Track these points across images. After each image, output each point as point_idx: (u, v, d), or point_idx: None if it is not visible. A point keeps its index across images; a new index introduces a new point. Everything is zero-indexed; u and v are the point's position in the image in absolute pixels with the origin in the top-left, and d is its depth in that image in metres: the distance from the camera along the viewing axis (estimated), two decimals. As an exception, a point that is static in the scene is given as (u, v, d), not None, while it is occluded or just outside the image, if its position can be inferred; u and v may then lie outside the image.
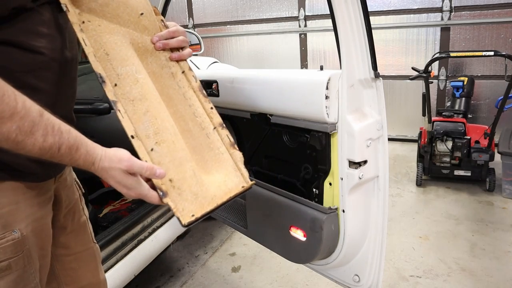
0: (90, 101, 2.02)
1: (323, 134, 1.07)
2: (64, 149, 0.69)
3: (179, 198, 0.80)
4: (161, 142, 0.81)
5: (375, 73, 1.03)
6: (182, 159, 0.84)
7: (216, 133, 0.94)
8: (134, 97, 0.81)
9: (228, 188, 0.90)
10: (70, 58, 0.84)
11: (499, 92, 3.49)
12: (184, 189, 0.81)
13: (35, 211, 0.83)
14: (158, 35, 0.93)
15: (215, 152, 0.93)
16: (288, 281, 2.05)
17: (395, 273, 2.06)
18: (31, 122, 0.65)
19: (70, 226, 1.01)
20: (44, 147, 0.67)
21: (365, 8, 0.98)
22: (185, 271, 2.19)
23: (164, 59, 0.93)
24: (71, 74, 0.87)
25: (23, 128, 0.64)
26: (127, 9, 0.87)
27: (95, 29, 0.82)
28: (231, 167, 0.93)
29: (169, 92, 0.91)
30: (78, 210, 1.05)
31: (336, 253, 1.14)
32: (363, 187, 1.09)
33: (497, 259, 2.12)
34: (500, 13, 3.60)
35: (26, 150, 0.66)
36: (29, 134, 0.65)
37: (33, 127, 0.65)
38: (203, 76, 1.40)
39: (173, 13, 5.25)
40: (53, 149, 0.68)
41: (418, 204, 2.84)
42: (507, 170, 2.78)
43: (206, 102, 0.95)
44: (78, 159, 0.71)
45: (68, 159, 0.70)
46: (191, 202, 0.81)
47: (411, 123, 4.14)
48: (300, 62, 4.66)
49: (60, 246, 1.00)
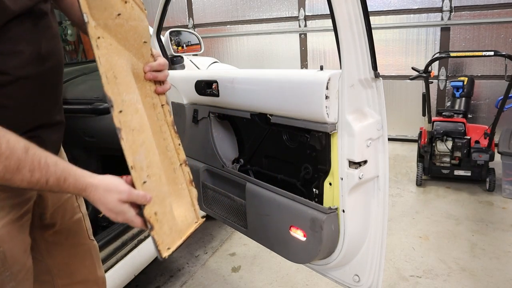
0: (90, 101, 2.02)
1: (323, 134, 1.07)
2: (52, 181, 0.72)
3: (160, 231, 0.83)
4: (151, 175, 0.84)
5: (375, 73, 1.03)
6: (165, 194, 0.88)
7: (181, 169, 0.99)
8: (134, 127, 0.83)
9: (188, 222, 0.95)
10: (46, 69, 0.82)
11: (499, 92, 3.49)
12: (163, 222, 0.84)
13: (10, 213, 0.83)
14: (149, 65, 0.94)
15: (178, 187, 0.97)
16: (288, 281, 2.05)
17: (395, 273, 2.06)
18: (17, 160, 0.67)
19: (60, 224, 1.01)
20: (32, 181, 0.70)
21: (365, 8, 0.98)
22: (185, 271, 2.19)
23: (149, 89, 0.95)
24: (49, 84, 0.86)
25: (10, 167, 0.66)
26: (135, 35, 0.89)
27: (107, 48, 0.82)
28: (188, 203, 0.99)
29: (150, 123, 0.92)
30: (71, 208, 1.05)
31: (336, 253, 1.14)
32: (363, 187, 1.09)
33: (497, 259, 2.12)
34: (500, 13, 3.60)
35: (16, 185, 0.69)
36: (16, 171, 0.67)
37: (19, 165, 0.67)
38: (203, 76, 1.40)
39: (173, 13, 5.25)
40: (41, 182, 0.71)
41: (418, 204, 2.84)
42: (507, 170, 2.78)
43: (176, 138, 0.99)
44: (67, 188, 0.74)
45: (57, 189, 0.73)
46: (168, 235, 0.85)
47: (411, 123, 4.14)
48: (300, 62, 4.66)
49: (51, 241, 1.01)
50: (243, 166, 1.47)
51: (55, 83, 0.88)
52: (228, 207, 1.42)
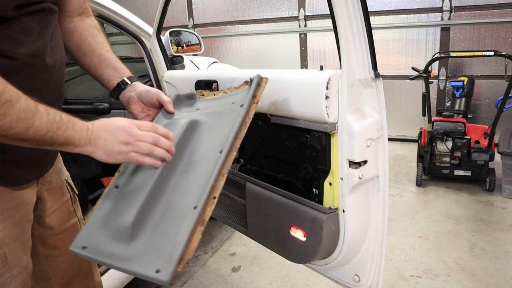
0: (90, 101, 2.03)
1: (323, 134, 1.07)
2: (65, 117, 0.73)
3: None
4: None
5: (375, 73, 1.03)
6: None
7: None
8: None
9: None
10: (51, 63, 0.83)
11: (499, 92, 3.49)
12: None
13: (11, 215, 0.82)
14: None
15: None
16: (288, 281, 2.05)
17: (395, 273, 2.06)
18: (32, 101, 0.69)
19: (59, 227, 1.00)
20: (49, 120, 0.70)
21: (365, 8, 0.98)
22: (185, 271, 2.19)
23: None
24: (54, 79, 0.86)
25: (28, 106, 0.68)
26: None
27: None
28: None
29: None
30: (67, 212, 1.04)
31: (336, 253, 1.14)
32: (363, 187, 1.09)
33: (497, 259, 2.12)
34: (500, 13, 3.60)
35: (35, 127, 0.68)
36: (35, 110, 0.68)
37: (36, 104, 0.69)
38: (203, 76, 1.40)
39: (173, 13, 5.25)
40: (56, 119, 0.72)
41: (418, 204, 2.84)
42: (507, 170, 2.78)
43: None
44: (77, 121, 0.76)
45: (70, 124, 0.74)
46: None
47: (411, 123, 4.14)
48: (300, 62, 4.66)
49: (49, 246, 1.00)
50: (243, 166, 1.47)
51: (58, 80, 0.89)
52: (228, 207, 1.42)
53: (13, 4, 0.72)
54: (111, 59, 1.01)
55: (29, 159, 0.85)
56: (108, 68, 1.01)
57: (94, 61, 1.00)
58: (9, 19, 0.73)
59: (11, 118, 0.65)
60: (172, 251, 0.73)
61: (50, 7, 0.83)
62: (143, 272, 0.72)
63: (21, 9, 0.75)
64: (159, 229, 0.79)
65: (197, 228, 0.76)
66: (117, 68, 1.02)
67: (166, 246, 0.75)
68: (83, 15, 1.02)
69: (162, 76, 1.70)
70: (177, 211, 0.81)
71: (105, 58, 1.01)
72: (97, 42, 1.01)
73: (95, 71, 1.02)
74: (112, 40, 6.00)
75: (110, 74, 1.01)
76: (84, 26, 1.01)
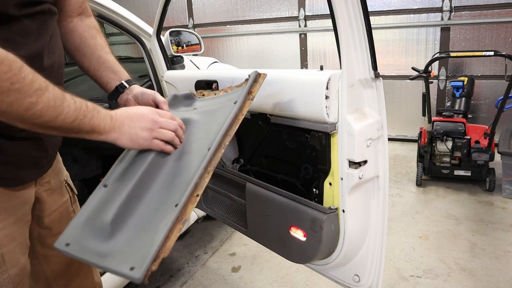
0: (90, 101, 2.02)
1: (323, 134, 1.07)
2: (90, 105, 0.75)
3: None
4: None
5: (375, 73, 1.03)
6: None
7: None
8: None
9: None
10: (49, 64, 0.83)
11: (499, 92, 3.49)
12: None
13: (9, 215, 0.82)
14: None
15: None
16: (288, 281, 2.05)
17: (395, 273, 2.06)
18: (59, 90, 0.71)
19: (58, 228, 0.99)
20: (76, 107, 0.72)
21: (365, 8, 0.98)
22: (185, 271, 2.19)
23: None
24: (52, 80, 0.85)
25: (57, 94, 0.70)
26: None
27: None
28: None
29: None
30: (66, 213, 1.03)
31: (336, 253, 1.14)
32: (363, 187, 1.09)
33: (497, 259, 2.12)
34: (500, 13, 3.60)
35: (63, 114, 0.70)
36: (63, 98, 0.71)
37: (63, 93, 0.72)
38: (203, 76, 1.40)
39: (173, 13, 5.25)
40: (83, 107, 0.74)
41: (418, 204, 2.84)
42: (507, 170, 2.78)
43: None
44: (100, 109, 0.78)
45: (95, 112, 0.76)
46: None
47: (411, 123, 4.14)
48: (300, 62, 4.66)
49: (48, 247, 1.00)
50: (243, 166, 1.47)
51: (57, 81, 0.88)
52: (228, 207, 1.42)
53: (15, 1, 0.72)
54: (110, 61, 1.02)
55: (28, 160, 0.85)
56: (107, 71, 1.01)
57: (93, 63, 1.01)
58: (10, 20, 0.73)
59: (42, 106, 0.67)
60: (148, 249, 0.72)
61: (50, 9, 0.83)
62: (117, 269, 0.71)
63: (22, 9, 0.74)
64: (139, 227, 0.78)
65: (176, 226, 0.75)
66: (116, 71, 1.02)
67: (144, 243, 0.74)
68: (82, 15, 1.02)
69: (162, 76, 1.70)
70: (159, 209, 0.80)
71: (104, 61, 1.01)
72: (97, 44, 1.01)
73: (94, 73, 1.02)
74: (112, 40, 6.00)
75: (108, 77, 1.02)
76: (84, 27, 1.01)
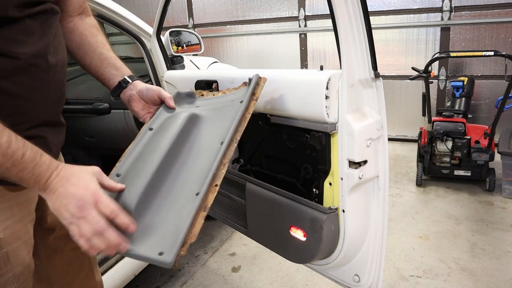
0: (90, 101, 2.02)
1: (323, 134, 1.07)
2: (28, 157, 0.69)
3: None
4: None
5: (375, 73, 1.03)
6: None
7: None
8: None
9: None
10: (54, 63, 0.83)
11: (499, 92, 3.49)
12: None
13: (13, 213, 0.82)
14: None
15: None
16: (288, 281, 2.05)
17: (395, 273, 2.06)
18: None
19: (59, 229, 1.00)
20: (7, 153, 0.66)
21: (365, 8, 0.98)
22: (185, 271, 2.19)
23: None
24: (56, 79, 0.86)
25: None
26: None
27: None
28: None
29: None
30: None
31: (336, 253, 1.14)
32: (363, 187, 1.09)
33: (497, 259, 2.12)
34: (500, 13, 3.60)
35: None
36: None
37: (1, 134, 0.65)
38: (203, 76, 1.40)
39: (173, 13, 5.25)
40: (16, 155, 0.67)
41: (418, 204, 2.84)
42: (507, 170, 2.78)
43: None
44: (42, 164, 0.70)
45: (30, 165, 0.69)
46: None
47: (411, 123, 4.14)
48: (300, 62, 4.66)
49: (50, 247, 1.00)
50: (243, 166, 1.47)
51: (60, 80, 0.89)
52: (228, 207, 1.42)
53: (14, 3, 0.73)
54: (111, 58, 1.02)
55: None
56: (109, 67, 1.01)
57: (95, 60, 1.01)
58: (12, 21, 0.73)
59: None
60: (175, 234, 0.73)
61: (52, 8, 0.83)
62: (146, 254, 0.72)
63: (24, 10, 0.75)
64: (161, 214, 0.80)
65: (200, 213, 0.77)
66: (118, 67, 1.02)
67: (169, 230, 0.75)
68: (82, 15, 1.02)
69: (162, 76, 1.70)
70: (179, 198, 0.82)
71: (105, 57, 1.01)
72: (97, 42, 1.01)
73: (96, 70, 1.02)
74: (112, 40, 6.00)
75: (111, 73, 1.01)
76: (84, 26, 1.01)
